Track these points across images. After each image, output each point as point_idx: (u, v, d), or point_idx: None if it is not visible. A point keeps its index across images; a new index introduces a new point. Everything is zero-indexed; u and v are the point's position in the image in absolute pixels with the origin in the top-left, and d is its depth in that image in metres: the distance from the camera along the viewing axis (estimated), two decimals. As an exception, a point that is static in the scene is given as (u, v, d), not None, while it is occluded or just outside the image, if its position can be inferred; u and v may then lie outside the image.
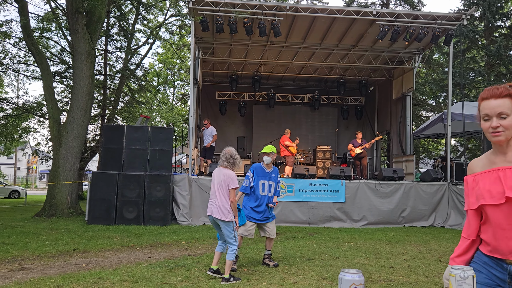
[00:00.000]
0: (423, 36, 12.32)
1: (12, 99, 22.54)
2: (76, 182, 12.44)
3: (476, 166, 2.00)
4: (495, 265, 1.87)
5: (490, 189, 1.85)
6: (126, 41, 21.11)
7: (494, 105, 1.83)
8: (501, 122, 1.81)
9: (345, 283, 1.48)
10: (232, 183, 5.13)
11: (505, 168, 1.84)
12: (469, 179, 2.00)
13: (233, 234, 5.12)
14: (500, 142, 1.84)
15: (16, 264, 5.84)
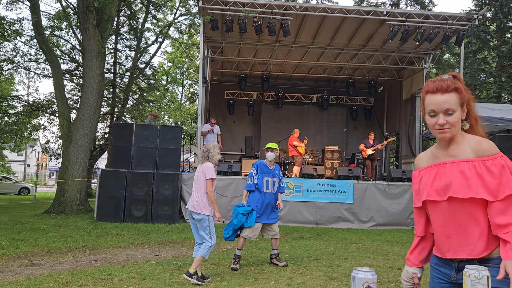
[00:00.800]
0: (434, 36, 12.22)
1: (23, 96, 22.77)
2: (85, 179, 12.53)
3: (421, 160, 1.94)
4: (444, 264, 1.83)
5: (431, 185, 1.80)
6: (135, 40, 21.22)
7: (440, 101, 1.75)
8: (448, 118, 1.74)
9: (357, 281, 1.47)
10: (208, 174, 5.05)
11: (445, 162, 1.79)
12: (415, 175, 1.95)
13: (209, 230, 4.98)
14: (446, 139, 1.78)
15: (26, 259, 5.90)
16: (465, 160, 1.73)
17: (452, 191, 1.71)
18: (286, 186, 11.00)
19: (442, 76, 1.80)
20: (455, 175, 1.72)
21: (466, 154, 1.75)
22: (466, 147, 1.77)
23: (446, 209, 1.75)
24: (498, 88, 19.00)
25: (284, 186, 6.30)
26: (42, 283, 4.60)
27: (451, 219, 1.74)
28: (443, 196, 1.74)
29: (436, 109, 1.75)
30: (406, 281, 1.92)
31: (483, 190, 1.66)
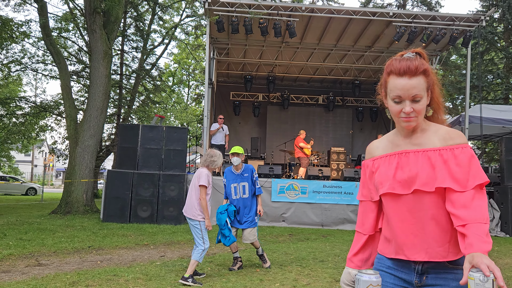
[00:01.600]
0: (441, 37, 12.17)
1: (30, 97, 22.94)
2: (91, 180, 12.60)
3: (376, 148, 1.69)
4: (400, 267, 1.59)
5: (393, 176, 1.56)
6: (142, 41, 21.32)
7: (408, 86, 1.50)
8: (415, 106, 1.51)
9: (362, 284, 1.45)
10: (200, 180, 5.01)
11: (409, 151, 1.58)
12: (368, 164, 1.70)
13: (201, 234, 4.98)
14: (411, 128, 1.57)
15: (33, 259, 5.94)
16: (432, 149, 1.54)
17: (418, 183, 1.50)
18: (292, 188, 11.00)
19: (405, 53, 1.57)
20: (421, 166, 1.52)
21: (433, 143, 1.56)
22: (432, 135, 1.58)
23: (411, 203, 1.52)
24: (506, 89, 18.88)
25: (259, 187, 5.92)
26: (48, 283, 4.63)
27: (418, 214, 1.52)
28: (408, 189, 1.52)
29: (403, 95, 1.51)
30: (348, 285, 1.67)
31: (449, 179, 1.48)
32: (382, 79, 1.62)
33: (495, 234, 10.82)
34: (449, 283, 1.52)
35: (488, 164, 20.56)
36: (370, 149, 1.72)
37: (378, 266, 1.66)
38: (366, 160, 1.73)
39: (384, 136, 1.73)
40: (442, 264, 1.53)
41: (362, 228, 1.71)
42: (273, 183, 11.04)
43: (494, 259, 7.19)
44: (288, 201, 11.03)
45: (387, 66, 1.59)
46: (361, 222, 1.72)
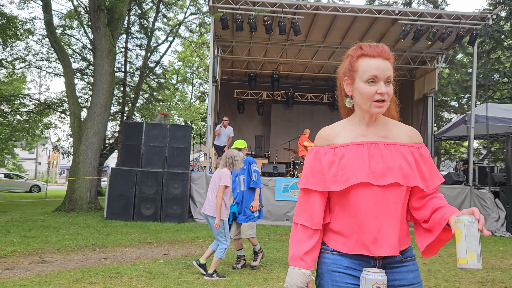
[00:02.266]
0: (447, 36, 12.07)
1: (35, 95, 23.01)
2: (95, 177, 12.59)
3: (335, 136, 1.57)
4: (359, 266, 1.50)
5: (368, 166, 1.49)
6: (146, 39, 21.30)
7: (384, 67, 1.48)
8: (387, 89, 1.48)
9: (367, 282, 1.43)
10: (223, 180, 5.11)
11: (378, 143, 1.53)
12: (326, 151, 1.55)
13: (224, 232, 5.09)
14: (379, 113, 1.52)
15: (37, 257, 5.92)
16: (402, 143, 1.53)
17: (396, 176, 1.47)
18: (296, 187, 10.94)
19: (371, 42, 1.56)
20: (396, 159, 1.49)
21: (399, 138, 1.55)
22: (395, 129, 1.57)
23: (381, 195, 1.47)
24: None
25: (255, 181, 5.72)
26: (52, 280, 4.60)
27: (384, 207, 1.47)
28: (383, 180, 1.47)
29: (379, 74, 1.47)
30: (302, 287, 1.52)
31: (420, 178, 1.50)
32: (346, 65, 1.58)
33: (501, 234, 10.73)
34: (405, 276, 1.53)
35: (494, 163, 20.44)
36: (327, 136, 1.58)
37: (334, 268, 1.52)
38: (322, 146, 1.57)
39: (337, 124, 1.62)
40: (396, 259, 1.53)
41: (310, 221, 1.54)
42: (277, 181, 11.00)
43: (499, 259, 7.12)
44: (292, 200, 10.98)
45: (354, 51, 1.56)
46: (308, 215, 1.55)
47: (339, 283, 1.51)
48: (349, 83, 1.57)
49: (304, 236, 1.56)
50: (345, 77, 1.59)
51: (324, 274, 1.55)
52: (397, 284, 1.52)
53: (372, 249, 1.48)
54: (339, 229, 1.55)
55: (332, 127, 1.61)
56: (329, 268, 1.54)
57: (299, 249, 1.54)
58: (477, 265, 1.30)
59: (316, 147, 1.60)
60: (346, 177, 1.49)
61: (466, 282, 5.36)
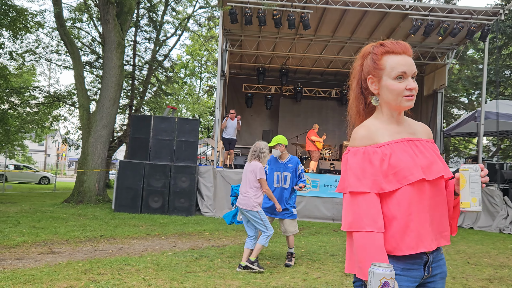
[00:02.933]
0: (458, 31, 11.93)
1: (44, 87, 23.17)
2: (104, 170, 12.68)
3: (377, 135, 1.53)
4: (412, 265, 1.48)
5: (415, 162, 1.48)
6: (155, 32, 21.32)
7: (411, 63, 1.52)
8: (414, 85, 1.52)
9: (375, 276, 1.42)
10: (258, 174, 5.22)
11: (412, 139, 1.56)
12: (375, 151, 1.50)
13: (263, 222, 5.17)
14: (409, 107, 1.55)
15: (46, 247, 6.00)
16: (426, 140, 1.61)
17: (440, 170, 1.51)
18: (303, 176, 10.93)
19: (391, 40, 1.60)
20: (432, 154, 1.55)
21: (421, 134, 1.62)
22: (415, 126, 1.64)
23: (430, 190, 1.50)
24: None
25: (304, 179, 5.86)
26: (61, 270, 4.66)
27: (434, 201, 1.52)
28: (430, 175, 1.49)
29: (408, 70, 1.51)
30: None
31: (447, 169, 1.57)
32: (370, 63, 1.56)
33: (509, 231, 10.65)
34: (443, 269, 1.59)
35: (503, 161, 20.24)
36: (370, 134, 1.52)
37: None
38: (367, 146, 1.50)
39: (367, 123, 1.57)
40: (438, 251, 1.57)
41: (375, 225, 1.43)
42: (285, 176, 10.98)
43: (508, 257, 7.08)
44: (299, 194, 10.96)
45: (377, 48, 1.55)
46: (371, 219, 1.43)
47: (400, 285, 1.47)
48: (374, 81, 1.58)
49: (374, 243, 1.43)
50: (369, 75, 1.59)
51: None
52: (439, 277, 1.59)
53: (428, 244, 1.48)
54: (392, 231, 1.47)
55: (367, 126, 1.56)
56: None
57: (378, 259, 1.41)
58: (478, 208, 1.45)
59: (362, 147, 1.52)
60: (403, 175, 1.46)
61: (473, 279, 5.33)
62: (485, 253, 7.43)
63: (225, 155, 12.73)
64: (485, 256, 7.11)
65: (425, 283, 1.55)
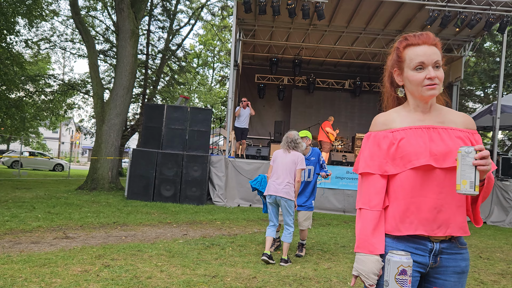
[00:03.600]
0: (476, 22, 11.70)
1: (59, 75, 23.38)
2: (117, 158, 12.82)
3: (392, 121, 1.61)
4: (415, 250, 1.53)
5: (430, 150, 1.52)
6: (168, 22, 21.34)
7: (430, 52, 1.54)
8: (437, 73, 1.54)
9: (392, 264, 1.43)
10: (300, 164, 5.21)
11: (436, 127, 1.57)
12: (386, 135, 1.59)
13: (293, 215, 5.21)
14: (433, 97, 1.56)
15: (61, 232, 6.11)
16: (458, 129, 1.58)
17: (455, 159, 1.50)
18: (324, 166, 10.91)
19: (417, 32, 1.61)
20: (456, 143, 1.53)
21: (455, 123, 1.60)
22: (450, 115, 1.62)
23: (443, 177, 1.51)
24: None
25: (326, 170, 5.93)
26: (76, 255, 4.75)
27: (447, 189, 1.51)
28: (444, 163, 1.51)
29: (426, 60, 1.54)
30: (376, 274, 1.51)
31: None
32: (394, 57, 1.64)
33: (523, 227, 10.53)
34: (459, 264, 1.56)
35: None
36: (384, 121, 1.63)
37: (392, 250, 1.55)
38: (380, 131, 1.61)
39: (392, 111, 1.66)
40: (454, 244, 1.55)
41: (369, 204, 1.56)
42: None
43: (522, 253, 7.00)
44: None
45: (400, 42, 1.62)
46: (367, 198, 1.57)
47: None
48: (398, 73, 1.64)
49: (373, 220, 1.55)
50: (394, 68, 1.66)
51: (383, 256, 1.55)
52: (452, 271, 1.56)
53: (429, 229, 1.51)
54: (394, 212, 1.56)
55: (387, 113, 1.66)
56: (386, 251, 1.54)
57: (370, 235, 1.54)
58: (469, 191, 1.40)
59: (374, 132, 1.63)
60: (408, 159, 1.53)
61: (485, 273, 5.30)
62: (497, 248, 7.36)
63: (237, 145, 12.75)
64: (498, 251, 7.05)
65: (434, 274, 1.56)
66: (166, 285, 3.88)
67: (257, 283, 4.19)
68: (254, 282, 4.22)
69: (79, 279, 3.85)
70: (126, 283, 3.83)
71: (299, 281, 4.36)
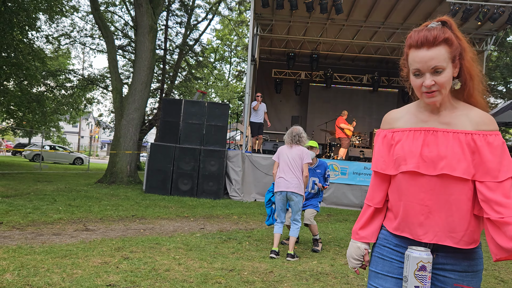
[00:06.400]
0: (498, 16, 11.43)
1: (78, 71, 23.75)
2: (135, 152, 12.98)
3: (396, 120, 1.59)
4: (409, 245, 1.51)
5: (419, 154, 1.46)
6: (186, 17, 21.42)
7: (427, 58, 1.41)
8: (436, 78, 1.41)
9: (412, 260, 1.42)
10: (306, 158, 5.20)
11: (437, 130, 1.47)
12: (386, 135, 1.59)
13: (301, 211, 5.23)
14: (435, 103, 1.47)
15: (81, 225, 6.23)
16: (463, 131, 1.44)
17: (446, 167, 1.41)
18: (332, 168, 10.88)
19: (429, 23, 1.47)
20: (451, 148, 1.43)
21: (463, 125, 1.45)
22: (463, 116, 1.47)
23: (432, 184, 1.44)
24: None
25: (327, 184, 5.95)
26: (96, 247, 4.84)
27: (439, 197, 1.43)
28: (433, 170, 1.43)
29: (422, 68, 1.43)
30: (357, 259, 1.62)
31: (482, 169, 1.40)
32: (405, 54, 1.53)
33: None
34: (460, 262, 1.48)
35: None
36: (389, 119, 1.62)
37: (384, 243, 1.59)
38: (384, 130, 1.61)
39: (404, 108, 1.61)
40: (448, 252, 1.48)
41: (371, 200, 1.64)
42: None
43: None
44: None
45: (407, 39, 1.50)
46: (370, 195, 1.64)
47: (385, 257, 1.58)
48: (408, 72, 1.55)
49: (364, 213, 1.66)
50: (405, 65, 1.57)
51: (376, 247, 1.63)
52: (449, 268, 1.50)
53: (414, 234, 1.48)
54: (391, 208, 1.60)
55: (398, 110, 1.63)
56: (380, 242, 1.61)
57: (357, 225, 1.66)
58: None
59: (382, 131, 1.64)
60: (399, 162, 1.51)
61: (506, 272, 5.21)
62: (519, 246, 7.22)
63: (253, 141, 12.76)
64: (519, 249, 6.92)
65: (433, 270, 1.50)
66: (184, 278, 3.93)
67: (273, 277, 4.21)
68: (271, 276, 4.24)
69: (99, 271, 3.93)
70: (145, 275, 3.89)
71: (316, 276, 4.36)
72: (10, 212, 6.73)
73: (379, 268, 1.58)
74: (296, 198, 5.14)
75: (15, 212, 6.72)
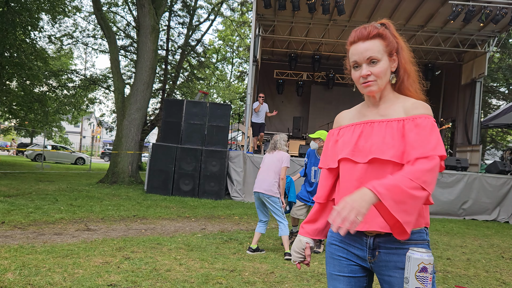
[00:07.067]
0: (501, 17, 11.41)
1: (81, 71, 23.79)
2: (137, 152, 12.99)
3: (343, 118, 1.69)
4: (353, 242, 1.55)
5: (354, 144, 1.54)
6: (188, 17, 21.45)
7: (362, 49, 1.52)
8: (372, 69, 1.51)
9: (413, 261, 1.42)
10: (284, 162, 5.35)
11: (374, 121, 1.55)
12: (333, 133, 1.70)
13: (280, 211, 5.26)
14: (372, 93, 1.54)
15: (82, 224, 6.24)
16: (396, 119, 1.51)
17: (376, 151, 1.48)
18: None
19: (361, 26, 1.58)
20: (383, 136, 1.49)
21: (398, 114, 1.52)
22: (400, 107, 1.53)
23: (363, 172, 1.50)
24: None
25: None
26: (97, 246, 4.85)
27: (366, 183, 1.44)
28: (365, 157, 1.50)
29: (358, 59, 1.53)
30: (298, 252, 1.67)
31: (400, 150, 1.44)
32: (346, 52, 1.62)
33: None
34: (403, 259, 1.48)
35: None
36: (338, 119, 1.72)
37: (331, 240, 1.64)
38: (333, 129, 1.72)
39: (353, 108, 1.71)
40: (392, 239, 1.49)
41: (317, 196, 1.70)
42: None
43: (546, 253, 6.84)
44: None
45: (348, 39, 1.61)
46: (318, 190, 1.71)
47: (333, 255, 1.62)
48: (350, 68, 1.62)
49: (312, 209, 1.73)
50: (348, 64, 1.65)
51: (326, 245, 1.68)
52: (392, 266, 1.50)
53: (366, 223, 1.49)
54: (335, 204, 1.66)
55: (347, 110, 1.73)
56: (329, 240, 1.67)
57: (305, 219, 1.74)
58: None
59: (331, 130, 1.74)
60: (339, 153, 1.60)
61: (507, 273, 5.20)
62: (520, 248, 7.21)
63: (254, 140, 12.74)
64: (521, 251, 6.90)
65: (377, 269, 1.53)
66: (185, 278, 3.93)
67: (274, 278, 4.21)
68: (272, 277, 4.24)
69: (101, 270, 3.93)
70: (146, 275, 3.89)
71: (316, 277, 4.36)
72: (12, 211, 6.75)
73: (331, 268, 1.62)
74: (268, 199, 5.23)
75: (16, 212, 6.74)
